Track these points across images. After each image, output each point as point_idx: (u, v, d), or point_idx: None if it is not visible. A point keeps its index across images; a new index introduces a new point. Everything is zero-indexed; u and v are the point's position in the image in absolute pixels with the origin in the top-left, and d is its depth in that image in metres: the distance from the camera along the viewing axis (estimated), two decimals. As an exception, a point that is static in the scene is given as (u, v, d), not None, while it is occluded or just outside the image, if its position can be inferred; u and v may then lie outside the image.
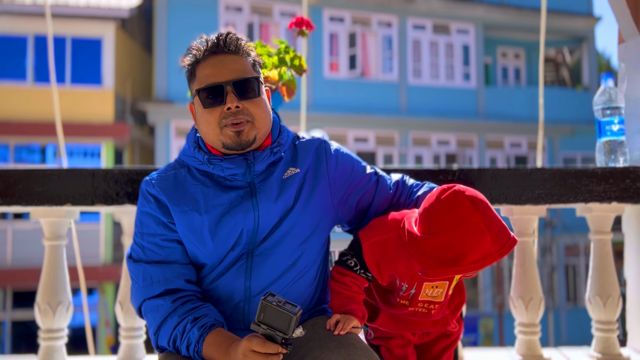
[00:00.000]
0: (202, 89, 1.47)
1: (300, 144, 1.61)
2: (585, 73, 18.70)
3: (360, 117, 15.57)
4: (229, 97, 1.45)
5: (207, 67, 1.49)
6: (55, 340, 1.96)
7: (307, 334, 1.44)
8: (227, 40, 1.50)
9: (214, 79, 1.46)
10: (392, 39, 16.49)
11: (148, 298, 1.46)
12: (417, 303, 1.54)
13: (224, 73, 1.46)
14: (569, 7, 17.63)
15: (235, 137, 1.46)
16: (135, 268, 1.50)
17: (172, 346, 1.43)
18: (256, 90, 1.49)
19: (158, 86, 14.39)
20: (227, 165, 1.49)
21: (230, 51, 1.50)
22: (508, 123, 17.07)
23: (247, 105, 1.47)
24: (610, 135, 2.08)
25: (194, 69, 1.51)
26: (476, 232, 1.30)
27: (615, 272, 2.05)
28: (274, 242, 1.49)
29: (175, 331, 1.42)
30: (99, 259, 13.65)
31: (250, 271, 1.47)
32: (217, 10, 14.97)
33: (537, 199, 1.98)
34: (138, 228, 1.53)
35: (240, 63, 1.49)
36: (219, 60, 1.49)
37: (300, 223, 1.51)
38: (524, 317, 2.04)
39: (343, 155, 1.63)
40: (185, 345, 1.40)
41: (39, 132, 13.38)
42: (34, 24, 13.79)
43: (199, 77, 1.49)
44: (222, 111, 1.46)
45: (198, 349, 1.37)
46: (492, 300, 15.97)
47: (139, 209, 1.55)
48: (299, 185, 1.53)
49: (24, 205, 1.90)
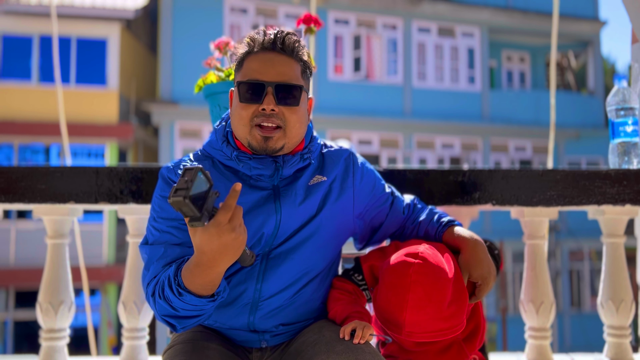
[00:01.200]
0: (244, 82, 1.42)
1: (328, 153, 1.58)
2: (590, 77, 18.64)
3: (364, 119, 15.54)
4: (267, 98, 1.40)
5: (256, 62, 1.43)
6: (56, 341, 1.93)
7: (313, 337, 1.40)
8: (285, 40, 1.44)
9: (258, 75, 1.41)
10: (397, 42, 16.47)
11: (156, 275, 1.38)
12: None
13: (270, 72, 1.41)
14: (574, 11, 17.59)
15: (262, 142, 1.42)
16: (151, 250, 1.41)
17: (160, 295, 1.33)
18: (297, 98, 1.43)
19: (162, 87, 14.40)
20: (255, 165, 1.45)
21: (285, 52, 1.44)
22: (513, 127, 17.03)
23: (283, 111, 1.42)
24: (624, 136, 2.04)
25: (244, 59, 1.46)
26: (399, 303, 1.33)
27: (628, 276, 2.01)
28: (291, 246, 1.46)
29: (159, 279, 1.35)
30: (101, 260, 13.64)
31: (264, 274, 1.44)
32: (222, 11, 14.97)
33: (548, 201, 1.94)
34: (156, 213, 1.45)
35: (290, 67, 1.44)
36: (269, 58, 1.43)
37: (321, 231, 1.49)
38: (534, 321, 1.99)
39: (368, 170, 1.61)
40: (167, 284, 1.30)
41: (43, 132, 13.41)
42: (39, 24, 13.82)
43: (245, 68, 1.45)
44: (257, 110, 1.41)
45: (178, 281, 1.28)
46: (495, 305, 15.89)
47: (158, 194, 1.47)
48: (325, 193, 1.51)
49: (27, 202, 1.87)
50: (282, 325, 1.48)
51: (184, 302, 1.28)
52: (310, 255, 1.47)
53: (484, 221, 15.59)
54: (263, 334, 1.47)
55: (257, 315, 1.45)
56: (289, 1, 15.12)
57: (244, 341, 1.49)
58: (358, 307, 1.44)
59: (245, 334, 1.48)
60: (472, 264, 1.47)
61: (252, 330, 1.47)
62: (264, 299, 1.44)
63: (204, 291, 1.27)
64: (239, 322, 1.46)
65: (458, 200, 1.93)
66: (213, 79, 1.94)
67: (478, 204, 1.94)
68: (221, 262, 1.20)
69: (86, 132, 13.56)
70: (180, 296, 1.27)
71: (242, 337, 1.48)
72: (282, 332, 1.49)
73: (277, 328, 1.47)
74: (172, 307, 1.31)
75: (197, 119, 14.07)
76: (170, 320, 1.35)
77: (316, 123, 11.31)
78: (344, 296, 1.49)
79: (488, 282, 1.47)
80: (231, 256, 1.20)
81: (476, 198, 1.94)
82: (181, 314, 1.32)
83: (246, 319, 1.45)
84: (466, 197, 1.94)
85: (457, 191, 1.93)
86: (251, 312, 1.45)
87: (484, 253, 1.49)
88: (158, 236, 1.42)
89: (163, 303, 1.32)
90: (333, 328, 1.41)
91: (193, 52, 13.72)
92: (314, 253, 1.48)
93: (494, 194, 1.94)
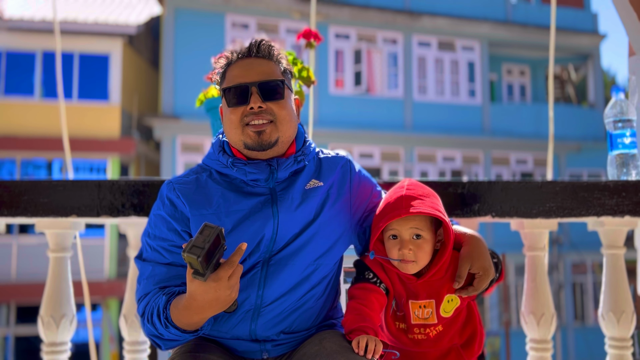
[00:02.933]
0: (228, 88, 1.49)
1: (325, 159, 1.61)
2: (590, 90, 18.69)
3: (365, 133, 15.58)
4: (253, 97, 1.46)
5: (236, 69, 1.51)
6: (58, 354, 1.93)
7: (314, 349, 1.41)
8: (260, 45, 1.52)
9: (240, 79, 1.48)
10: (398, 56, 16.56)
11: (146, 293, 1.47)
12: (413, 329, 1.53)
13: (251, 74, 1.48)
14: (574, 24, 17.69)
15: (256, 137, 1.47)
16: (143, 266, 1.50)
17: (149, 320, 1.42)
18: (281, 93, 1.50)
19: (164, 102, 14.46)
20: (250, 170, 1.48)
21: (262, 56, 1.52)
22: (514, 140, 17.05)
23: (271, 106, 1.48)
24: (622, 148, 2.05)
25: (225, 71, 1.54)
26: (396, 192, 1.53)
27: (628, 287, 2.01)
28: (290, 252, 1.47)
29: (149, 302, 1.43)
30: (103, 274, 13.62)
31: (265, 280, 1.45)
32: (224, 26, 15.08)
33: (548, 213, 1.95)
34: (151, 229, 1.52)
35: (268, 66, 1.51)
36: (248, 63, 1.51)
37: (319, 237, 1.50)
38: (535, 333, 1.99)
39: (365, 177, 1.65)
40: (157, 314, 1.39)
41: (45, 147, 13.46)
42: (43, 40, 13.94)
43: (228, 77, 1.52)
44: (245, 110, 1.47)
45: (167, 314, 1.37)
46: (498, 319, 15.81)
47: (154, 211, 1.54)
48: (322, 199, 1.53)
49: (29, 216, 1.88)
50: (283, 334, 1.48)
51: (169, 332, 1.38)
52: (310, 260, 1.49)
53: (486, 234, 15.55)
54: (264, 344, 1.48)
55: (259, 323, 1.46)
56: (290, 16, 15.24)
57: (245, 352, 1.49)
58: (367, 322, 1.43)
59: (246, 344, 1.48)
60: (474, 256, 1.50)
61: (253, 340, 1.48)
62: (266, 305, 1.45)
63: (189, 328, 1.37)
64: (241, 331, 1.46)
65: (458, 212, 1.94)
66: (214, 93, 1.96)
67: (478, 216, 1.95)
68: (209, 311, 1.30)
69: (88, 147, 13.61)
70: (166, 328, 1.37)
71: (244, 347, 1.48)
72: (283, 342, 1.49)
73: (279, 336, 1.48)
74: (157, 332, 1.41)
75: (199, 133, 14.12)
76: (156, 341, 1.44)
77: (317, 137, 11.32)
78: (359, 306, 1.48)
79: (488, 273, 1.49)
80: (219, 308, 1.30)
81: (476, 210, 1.94)
82: (166, 337, 1.41)
83: (248, 327, 1.46)
84: (466, 209, 1.94)
85: (457, 203, 1.94)
86: (253, 319, 1.45)
87: (484, 247, 1.53)
88: (149, 253, 1.50)
89: (150, 327, 1.42)
90: (334, 340, 1.41)
91: (195, 67, 13.82)
92: (314, 258, 1.49)
93: (494, 205, 1.95)
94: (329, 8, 15.33)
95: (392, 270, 1.53)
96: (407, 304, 1.53)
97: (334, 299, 1.61)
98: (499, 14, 17.49)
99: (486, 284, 1.49)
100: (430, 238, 1.50)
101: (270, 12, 15.31)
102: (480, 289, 1.49)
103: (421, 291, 1.52)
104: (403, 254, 1.47)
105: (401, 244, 1.48)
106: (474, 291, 1.49)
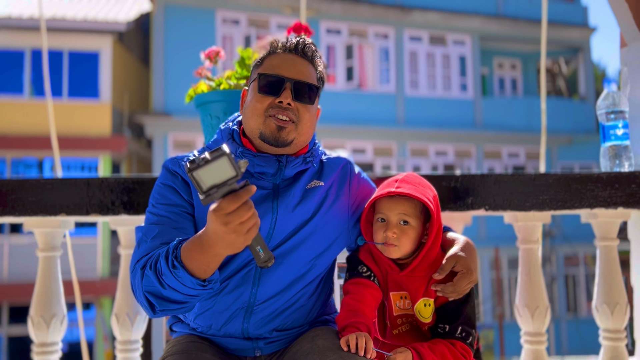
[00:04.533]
0: (265, 75, 1.47)
1: (327, 160, 1.61)
2: (581, 83, 18.77)
3: (357, 128, 15.58)
4: (285, 92, 1.45)
5: (277, 59, 1.50)
6: (49, 355, 1.91)
7: (307, 346, 1.39)
8: (306, 46, 1.52)
9: (279, 70, 1.47)
10: (389, 51, 16.55)
11: (151, 248, 1.37)
12: (396, 320, 1.52)
13: (291, 70, 1.47)
14: (564, 17, 17.74)
15: (276, 130, 1.44)
16: (147, 229, 1.40)
17: (151, 266, 1.30)
18: (312, 98, 1.50)
19: (155, 99, 14.39)
20: (259, 162, 1.47)
21: (305, 57, 1.51)
22: (505, 133, 17.11)
23: (298, 106, 1.46)
24: (615, 139, 2.04)
25: (265, 58, 1.52)
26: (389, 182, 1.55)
27: (622, 279, 2.01)
28: (286, 250, 1.46)
29: (152, 255, 1.33)
30: (96, 273, 13.56)
31: (259, 278, 1.43)
32: (214, 23, 15.01)
33: (541, 205, 1.94)
34: (155, 200, 1.46)
35: (308, 69, 1.51)
36: (290, 58, 1.50)
37: (316, 236, 1.49)
38: (530, 326, 1.99)
39: (364, 180, 1.65)
40: (164, 255, 1.28)
41: (36, 145, 13.36)
42: (32, 38, 13.82)
43: (266, 64, 1.50)
44: (272, 102, 1.45)
45: (176, 254, 1.26)
46: (492, 312, 15.88)
47: (160, 182, 1.49)
48: (321, 199, 1.52)
49: (17, 215, 1.85)
50: (276, 331, 1.47)
51: (175, 277, 1.25)
52: (305, 260, 1.48)
53: (479, 228, 15.61)
54: (257, 341, 1.47)
55: (252, 321, 1.44)
56: (281, 12, 15.18)
57: (237, 350, 1.48)
58: (360, 319, 1.42)
59: (239, 342, 1.47)
60: (461, 255, 1.49)
61: (246, 338, 1.46)
62: (259, 303, 1.44)
63: (198, 271, 1.25)
64: (233, 328, 1.45)
65: (451, 206, 1.93)
66: (204, 89, 1.94)
67: (471, 209, 1.94)
68: (215, 246, 1.19)
69: (79, 145, 13.52)
70: (173, 269, 1.25)
71: (236, 345, 1.47)
72: (276, 339, 1.48)
73: (272, 334, 1.47)
74: (160, 281, 1.28)
75: (191, 130, 14.06)
76: (151, 299, 1.32)
77: (310, 132, 11.28)
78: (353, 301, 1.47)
79: (471, 274, 1.46)
80: (223, 246, 1.18)
81: (469, 203, 1.94)
82: (165, 293, 1.29)
83: (240, 325, 1.45)
84: (459, 203, 1.93)
85: (450, 197, 1.93)
86: (245, 316, 1.44)
87: (474, 252, 1.53)
88: (156, 219, 1.42)
89: (152, 276, 1.29)
90: (326, 337, 1.41)
91: (185, 63, 13.74)
92: (309, 257, 1.48)
93: (487, 199, 1.94)
94: (320, 3, 15.29)
95: (383, 260, 1.53)
96: (389, 297, 1.53)
97: (327, 295, 1.61)
98: (490, 8, 17.51)
99: (465, 286, 1.46)
100: (416, 226, 1.50)
101: (261, 7, 15.25)
102: (459, 289, 1.46)
103: (402, 283, 1.52)
104: (387, 236, 1.48)
105: (387, 226, 1.49)
106: (452, 290, 1.46)
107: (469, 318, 1.49)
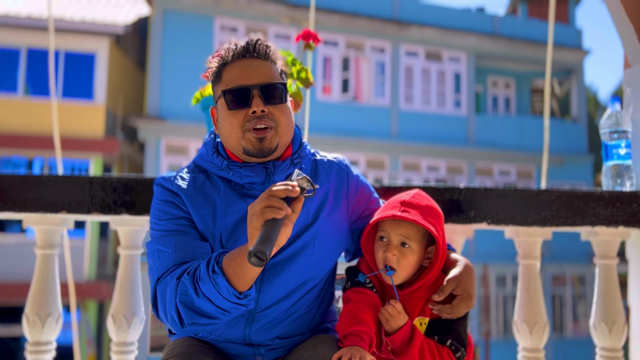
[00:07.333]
0: (228, 91, 1.43)
1: (321, 162, 1.58)
2: (574, 104, 18.96)
3: (351, 140, 15.61)
4: (255, 100, 1.42)
5: (235, 70, 1.45)
6: (42, 354, 1.87)
7: (307, 354, 1.38)
8: (257, 45, 1.47)
9: (241, 81, 1.43)
10: (385, 65, 16.64)
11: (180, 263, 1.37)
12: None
13: (252, 76, 1.43)
14: (559, 39, 17.94)
15: (257, 143, 1.42)
16: (164, 241, 1.40)
17: (190, 272, 1.31)
18: (282, 97, 1.46)
19: (150, 103, 14.34)
20: (246, 173, 1.44)
21: (259, 56, 1.47)
22: (497, 151, 17.22)
23: (272, 111, 1.43)
24: (617, 159, 2.06)
25: (221, 71, 1.48)
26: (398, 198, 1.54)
27: (620, 297, 2.01)
28: (287, 257, 1.44)
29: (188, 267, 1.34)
30: (82, 275, 13.40)
31: (260, 285, 1.42)
32: (212, 30, 15.03)
33: (543, 221, 1.95)
34: (158, 217, 1.45)
35: (268, 68, 1.46)
36: (247, 64, 1.46)
37: (316, 242, 1.47)
38: (527, 342, 1.98)
39: (362, 182, 1.61)
40: (206, 261, 1.29)
41: (26, 145, 13.25)
42: (27, 36, 13.76)
43: (226, 78, 1.46)
44: (247, 114, 1.42)
45: (219, 259, 1.29)
46: (478, 329, 15.87)
47: (158, 200, 1.47)
48: (319, 203, 1.50)
49: (17, 211, 1.83)
50: (277, 339, 1.46)
51: (213, 283, 1.26)
52: (306, 266, 1.46)
53: (468, 245, 15.62)
54: (258, 348, 1.45)
55: (253, 328, 1.43)
56: (279, 21, 15.24)
57: (238, 355, 1.46)
58: (362, 327, 1.40)
59: (240, 347, 1.45)
60: (462, 278, 1.47)
61: (247, 344, 1.45)
62: (260, 310, 1.42)
63: (234, 276, 1.26)
64: (235, 334, 1.44)
65: (454, 219, 1.93)
66: (211, 92, 1.93)
67: (473, 223, 1.94)
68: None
69: (71, 146, 13.42)
70: (213, 274, 1.26)
71: (237, 350, 1.46)
72: (277, 346, 1.47)
73: (273, 341, 1.46)
74: (195, 288, 1.28)
75: (184, 135, 14.02)
76: (182, 310, 1.31)
77: (303, 142, 11.26)
78: (354, 309, 1.45)
79: (470, 298, 1.46)
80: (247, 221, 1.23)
81: (472, 217, 1.94)
82: (197, 303, 1.29)
83: (242, 331, 1.43)
84: (461, 216, 1.93)
85: (453, 209, 1.93)
86: (247, 323, 1.43)
87: (473, 276, 1.51)
88: (166, 233, 1.42)
89: (188, 282, 1.29)
90: (327, 345, 1.39)
91: (182, 69, 13.74)
92: (310, 264, 1.46)
93: (490, 213, 1.94)
94: (318, 15, 15.36)
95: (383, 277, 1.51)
96: None
97: (328, 302, 1.59)
98: (486, 27, 17.68)
99: (463, 310, 1.46)
100: (417, 251, 1.48)
101: (260, 16, 15.30)
102: (457, 311, 1.45)
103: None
104: (386, 257, 1.46)
105: (387, 247, 1.47)
106: (450, 312, 1.45)
107: (460, 335, 1.48)
